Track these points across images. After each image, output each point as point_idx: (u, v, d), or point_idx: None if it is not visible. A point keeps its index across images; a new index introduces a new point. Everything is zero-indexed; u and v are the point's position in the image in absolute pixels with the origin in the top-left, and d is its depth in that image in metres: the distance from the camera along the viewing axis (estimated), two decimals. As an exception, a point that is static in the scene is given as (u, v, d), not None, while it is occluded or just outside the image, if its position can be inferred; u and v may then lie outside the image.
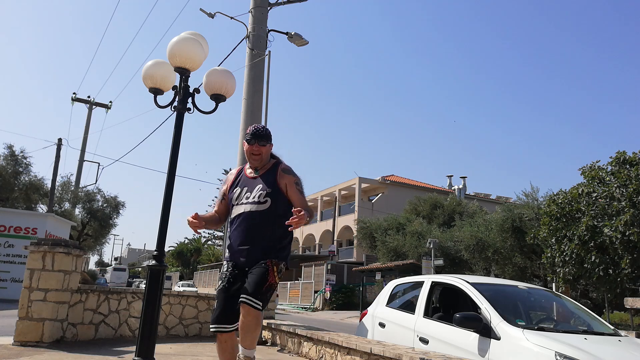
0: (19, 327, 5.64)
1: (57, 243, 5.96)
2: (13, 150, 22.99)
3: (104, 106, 28.85)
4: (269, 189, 3.21)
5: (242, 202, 3.24)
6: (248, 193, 3.24)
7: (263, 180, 3.26)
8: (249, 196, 3.23)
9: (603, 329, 4.60)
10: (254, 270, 3.11)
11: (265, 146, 3.27)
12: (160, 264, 4.42)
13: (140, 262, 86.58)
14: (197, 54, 4.68)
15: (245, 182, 3.31)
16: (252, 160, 3.29)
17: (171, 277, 50.28)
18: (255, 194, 3.21)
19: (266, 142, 3.27)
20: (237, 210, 3.25)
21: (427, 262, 19.74)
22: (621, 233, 10.46)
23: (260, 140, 3.24)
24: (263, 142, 3.25)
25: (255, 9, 10.03)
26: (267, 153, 3.32)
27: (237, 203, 3.27)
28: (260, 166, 3.31)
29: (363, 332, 5.83)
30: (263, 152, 3.27)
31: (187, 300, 7.60)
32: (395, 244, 24.94)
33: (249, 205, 3.21)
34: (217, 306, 3.11)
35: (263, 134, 3.27)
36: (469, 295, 4.69)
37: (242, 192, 3.27)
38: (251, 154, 3.27)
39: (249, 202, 3.21)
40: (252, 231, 3.18)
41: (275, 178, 3.26)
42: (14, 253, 16.39)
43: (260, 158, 3.28)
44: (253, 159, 3.28)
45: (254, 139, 3.25)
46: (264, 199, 3.19)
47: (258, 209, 3.18)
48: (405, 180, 41.39)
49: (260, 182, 3.25)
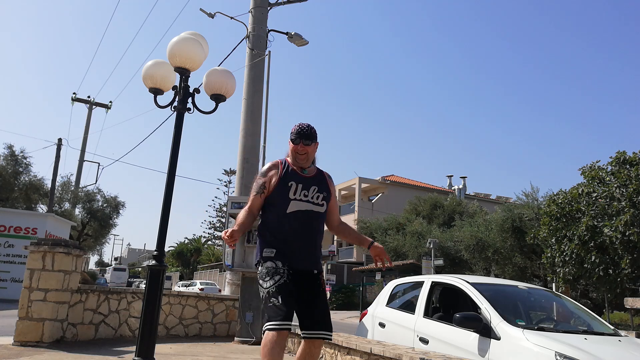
0: (19, 327, 5.64)
1: (57, 243, 5.96)
2: (13, 150, 23.00)
3: (104, 106, 28.85)
4: (325, 192, 3.13)
5: (302, 199, 3.04)
6: (305, 191, 3.06)
7: (316, 182, 3.14)
8: (306, 194, 3.06)
9: (603, 329, 4.60)
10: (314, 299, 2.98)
11: (311, 145, 3.12)
12: (160, 264, 4.43)
13: (140, 262, 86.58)
14: (197, 54, 4.69)
15: (298, 179, 3.11)
16: (299, 160, 3.12)
17: (171, 277, 50.27)
18: (313, 194, 3.07)
19: (311, 142, 3.12)
20: (295, 205, 3.02)
21: (427, 262, 19.74)
22: (621, 233, 10.46)
23: (306, 139, 3.09)
24: (308, 141, 3.10)
25: (255, 9, 10.03)
26: (313, 152, 3.17)
27: (295, 198, 3.03)
28: (307, 166, 3.16)
29: (363, 332, 5.83)
30: (309, 151, 3.12)
31: (187, 300, 7.61)
32: (395, 244, 24.94)
33: (311, 205, 3.06)
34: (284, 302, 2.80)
35: (308, 132, 3.10)
36: (469, 295, 4.69)
37: (299, 188, 3.06)
38: (297, 153, 3.11)
39: (309, 201, 3.06)
40: (314, 230, 3.06)
41: (327, 184, 3.20)
42: (14, 253, 16.38)
43: (307, 157, 3.12)
44: (300, 159, 3.12)
45: (298, 138, 3.08)
46: (321, 202, 3.09)
47: (318, 210, 3.08)
48: (405, 180, 41.38)
49: (314, 183, 3.13)
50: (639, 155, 11.67)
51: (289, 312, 2.80)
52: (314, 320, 2.92)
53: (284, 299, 2.80)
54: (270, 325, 2.74)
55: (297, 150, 3.10)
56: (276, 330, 2.72)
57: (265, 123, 10.82)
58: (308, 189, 3.07)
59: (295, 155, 3.12)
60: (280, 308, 2.77)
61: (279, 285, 2.85)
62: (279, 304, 2.78)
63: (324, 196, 3.11)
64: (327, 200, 3.13)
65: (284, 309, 2.77)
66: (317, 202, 3.08)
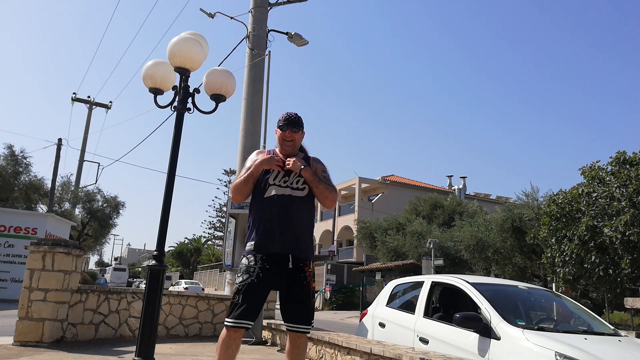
0: (19, 327, 5.64)
1: (57, 243, 5.96)
2: (13, 150, 22.99)
3: (104, 106, 28.83)
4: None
5: (281, 185, 3.11)
6: (286, 177, 3.13)
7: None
8: (287, 179, 3.12)
9: (603, 329, 4.60)
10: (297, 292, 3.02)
11: (298, 132, 3.21)
12: (160, 264, 4.42)
13: (140, 262, 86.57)
14: (197, 54, 4.69)
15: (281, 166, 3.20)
16: (285, 146, 3.21)
17: (171, 277, 50.27)
18: (293, 179, 3.12)
19: (299, 129, 3.21)
20: (274, 190, 3.10)
21: (427, 262, 19.73)
22: (621, 233, 10.46)
23: (293, 126, 3.18)
24: (296, 128, 3.18)
25: (255, 9, 10.03)
26: (300, 140, 3.26)
27: (274, 183, 3.12)
28: (293, 153, 3.23)
29: (363, 332, 5.83)
30: (296, 138, 3.20)
31: (187, 300, 7.60)
32: (395, 244, 24.93)
33: (289, 189, 3.10)
34: (244, 301, 2.90)
35: (296, 120, 3.20)
36: (469, 295, 4.69)
37: (280, 174, 3.14)
38: (284, 140, 3.19)
39: (289, 186, 3.11)
40: (291, 215, 3.07)
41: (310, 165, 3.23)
42: (14, 253, 16.38)
43: (293, 144, 3.21)
44: (286, 146, 3.20)
45: (286, 125, 3.17)
46: (302, 186, 3.12)
47: (298, 195, 3.11)
48: (405, 180, 41.38)
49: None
50: (639, 155, 11.67)
51: (247, 312, 2.89)
52: (293, 314, 3.01)
53: (244, 298, 2.91)
54: (225, 322, 2.92)
55: (285, 137, 3.18)
56: (229, 327, 2.89)
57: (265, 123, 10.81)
58: (289, 174, 3.13)
59: (282, 142, 3.21)
60: (239, 307, 2.89)
61: (244, 283, 2.96)
62: (238, 302, 2.91)
63: (305, 180, 3.12)
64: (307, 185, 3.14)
65: (241, 308, 2.88)
66: (296, 186, 3.12)
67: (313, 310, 3.08)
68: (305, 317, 3.02)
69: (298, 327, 3.00)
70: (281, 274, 3.01)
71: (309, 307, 3.05)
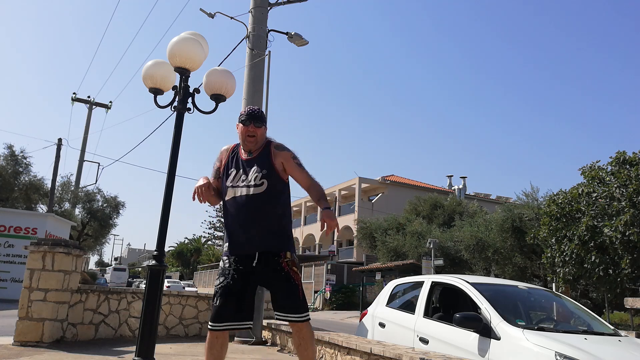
0: (19, 327, 5.64)
1: (57, 243, 5.96)
2: (13, 150, 23.00)
3: (104, 106, 28.82)
4: (265, 170, 3.11)
5: (239, 185, 3.10)
6: (244, 175, 3.11)
7: (257, 161, 3.15)
8: (244, 178, 3.10)
9: (603, 329, 4.60)
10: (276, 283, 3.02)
11: (261, 128, 3.16)
12: (160, 264, 4.42)
13: (140, 262, 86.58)
14: (197, 54, 4.69)
15: (240, 164, 3.18)
16: (247, 142, 3.16)
17: (171, 277, 50.28)
18: (251, 176, 3.09)
19: (261, 124, 3.16)
20: (232, 192, 3.11)
21: (427, 262, 19.74)
22: (621, 233, 10.46)
23: (256, 121, 3.13)
24: (259, 123, 3.14)
25: (255, 9, 10.03)
26: (262, 136, 3.20)
27: (232, 185, 3.13)
28: (254, 149, 3.18)
29: (363, 332, 5.83)
30: (258, 134, 3.15)
31: (187, 300, 7.61)
32: (395, 244, 24.93)
33: (246, 189, 3.08)
34: (221, 303, 2.96)
35: (258, 115, 3.17)
36: (469, 295, 4.69)
37: (238, 174, 3.14)
38: (247, 135, 3.14)
39: (245, 184, 3.09)
40: (251, 214, 3.05)
41: (270, 158, 3.16)
42: (14, 253, 16.39)
43: (255, 140, 3.15)
44: (248, 141, 3.15)
45: (249, 119, 3.13)
46: (260, 181, 3.08)
47: (255, 192, 3.06)
48: (405, 180, 41.38)
49: (255, 163, 3.14)
50: (639, 155, 11.67)
51: (224, 314, 2.96)
52: (280, 304, 3.01)
53: (221, 301, 2.97)
54: (208, 326, 3.01)
55: (247, 132, 3.13)
56: (210, 330, 2.99)
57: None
58: (248, 172, 3.11)
59: (244, 137, 3.15)
60: (217, 310, 2.97)
61: (220, 287, 3.02)
62: (217, 305, 2.98)
63: (263, 174, 3.08)
64: (267, 177, 3.08)
65: (220, 312, 2.96)
66: (254, 183, 3.07)
67: (303, 299, 3.04)
68: (292, 305, 2.98)
69: (288, 317, 2.99)
70: (256, 272, 3.03)
71: (294, 295, 3.00)
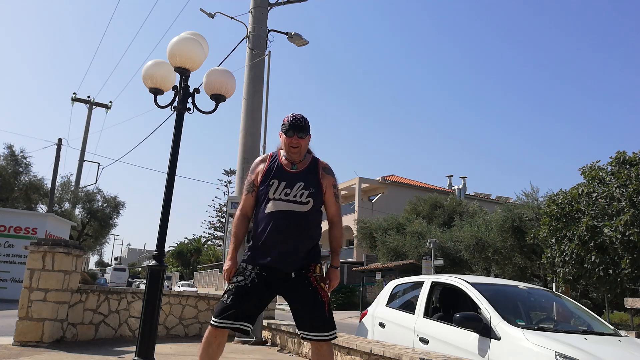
0: (19, 327, 5.64)
1: (57, 243, 5.96)
2: (13, 150, 23.00)
3: (104, 106, 28.82)
4: (312, 189, 2.93)
5: (282, 199, 2.88)
6: (287, 189, 2.90)
7: (304, 177, 2.95)
8: (288, 192, 2.89)
9: (603, 329, 4.60)
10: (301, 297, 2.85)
11: (305, 138, 2.94)
12: (160, 264, 4.42)
13: (140, 262, 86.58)
14: (197, 54, 4.69)
15: (283, 175, 2.95)
16: (291, 153, 2.95)
17: (171, 277, 50.29)
18: (297, 192, 2.89)
19: (305, 134, 2.93)
20: (274, 206, 2.88)
21: (427, 262, 19.73)
22: (621, 233, 10.46)
23: (299, 132, 2.90)
24: (302, 134, 2.91)
25: (255, 9, 10.02)
26: (306, 146, 2.99)
27: (274, 197, 2.89)
28: (298, 160, 2.98)
29: (363, 332, 5.83)
30: (302, 144, 2.94)
31: (187, 300, 7.60)
32: (395, 244, 24.93)
33: (290, 204, 2.88)
34: (234, 302, 2.78)
35: (302, 125, 2.92)
36: (469, 295, 4.69)
37: (280, 187, 2.91)
38: (290, 147, 2.92)
39: (290, 199, 2.89)
40: (291, 231, 2.86)
41: (318, 177, 2.99)
42: (14, 253, 16.38)
43: (299, 151, 2.94)
44: (292, 152, 2.94)
45: (292, 130, 2.89)
46: (306, 200, 2.89)
47: (300, 210, 2.88)
48: (405, 180, 41.36)
49: (301, 179, 2.94)
50: (639, 155, 11.67)
51: (234, 314, 2.78)
52: (304, 321, 2.84)
53: (234, 300, 2.80)
54: (211, 321, 2.82)
55: (291, 143, 2.93)
56: (214, 326, 2.79)
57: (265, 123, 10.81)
58: (292, 187, 2.91)
59: (288, 149, 2.95)
60: (226, 307, 2.79)
61: (236, 285, 2.85)
62: (227, 303, 2.81)
63: (310, 192, 2.91)
64: (314, 197, 2.92)
65: (228, 309, 2.78)
66: (300, 200, 2.89)
67: (330, 316, 2.85)
68: (319, 324, 2.80)
69: (310, 335, 2.80)
70: (280, 279, 2.88)
71: (322, 313, 2.82)
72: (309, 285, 2.86)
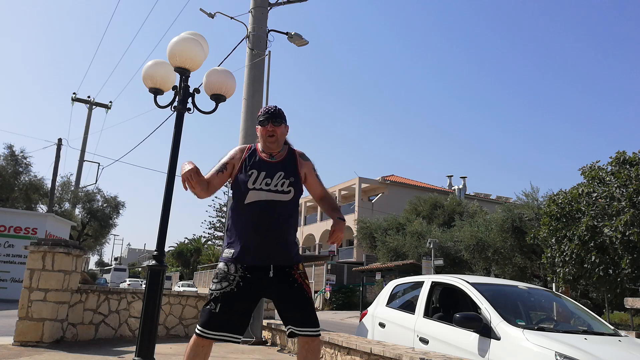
0: (19, 327, 5.64)
1: (57, 243, 5.96)
2: (13, 150, 23.01)
3: (104, 106, 28.83)
4: (292, 177, 2.90)
5: (263, 189, 2.84)
6: (268, 179, 2.86)
7: (283, 167, 2.93)
8: (269, 182, 2.86)
9: (603, 329, 4.60)
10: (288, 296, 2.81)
11: (280, 126, 2.93)
12: (160, 264, 4.43)
13: (140, 262, 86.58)
14: (197, 54, 4.69)
15: (262, 166, 2.92)
16: (268, 143, 2.93)
17: (171, 277, 50.31)
18: (277, 181, 2.86)
19: (281, 122, 2.94)
20: (254, 196, 2.83)
21: (427, 262, 19.74)
22: (621, 233, 10.46)
23: (274, 119, 2.91)
24: (277, 121, 2.92)
25: (255, 9, 10.03)
26: (283, 135, 2.98)
27: (254, 188, 2.84)
28: (276, 150, 2.96)
29: (363, 332, 5.83)
30: (278, 132, 2.92)
31: (187, 300, 7.61)
32: (395, 244, 24.93)
33: (271, 194, 2.84)
34: (222, 311, 2.69)
35: (276, 112, 2.94)
36: (469, 295, 4.69)
37: (260, 177, 2.87)
38: (267, 136, 2.92)
39: (271, 189, 2.85)
40: (274, 222, 2.82)
41: (296, 166, 2.97)
42: (14, 253, 16.39)
43: (276, 139, 2.93)
44: (269, 142, 2.92)
45: (267, 119, 2.91)
46: (287, 188, 2.87)
47: (282, 199, 2.85)
48: (405, 180, 41.38)
49: (281, 168, 2.91)
50: (639, 155, 11.66)
51: (222, 323, 2.69)
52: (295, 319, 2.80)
53: (222, 308, 2.70)
54: (197, 330, 2.71)
55: (267, 132, 2.91)
56: (201, 336, 2.69)
57: (265, 123, 10.79)
58: (272, 176, 2.87)
59: (265, 138, 2.93)
60: (214, 316, 2.69)
61: (224, 292, 2.73)
62: (214, 311, 2.70)
63: (291, 182, 2.88)
64: (294, 186, 2.89)
65: (216, 319, 2.68)
66: (282, 189, 2.86)
67: (315, 312, 2.88)
68: (309, 320, 2.79)
69: (303, 331, 2.78)
70: (265, 282, 2.79)
71: (309, 309, 2.83)
72: (294, 282, 2.82)
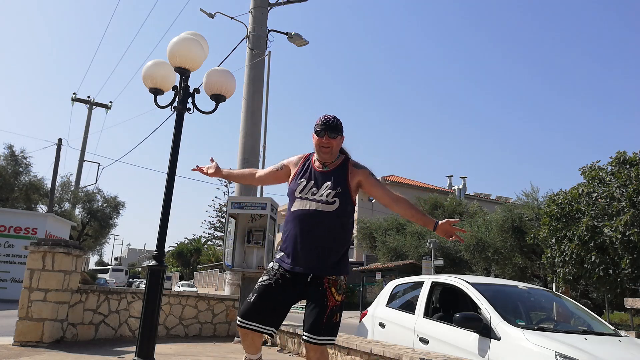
0: (19, 327, 5.64)
1: (57, 243, 5.96)
2: (13, 150, 22.98)
3: (104, 106, 28.82)
4: (339, 188, 2.88)
5: (308, 198, 2.87)
6: (314, 188, 2.89)
7: (332, 177, 2.91)
8: (315, 192, 2.88)
9: (603, 329, 4.60)
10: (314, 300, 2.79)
11: (336, 138, 2.91)
12: (160, 264, 4.43)
13: (140, 262, 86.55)
14: (197, 54, 4.69)
15: (313, 175, 2.94)
16: (321, 154, 2.92)
17: (171, 277, 50.31)
18: (323, 192, 2.87)
19: (337, 134, 2.92)
20: (299, 204, 2.88)
21: (427, 262, 19.73)
22: (621, 233, 10.45)
23: (331, 132, 2.89)
24: (334, 134, 2.90)
25: (255, 9, 10.03)
26: (338, 147, 2.96)
27: (300, 196, 2.89)
28: (329, 161, 2.96)
29: (363, 332, 5.83)
30: (333, 145, 2.91)
31: (187, 300, 7.61)
32: (395, 244, 24.92)
33: (315, 203, 2.85)
34: (254, 301, 2.77)
35: (334, 124, 2.90)
36: (469, 295, 4.69)
37: (308, 186, 2.90)
38: (320, 147, 2.90)
39: (315, 199, 2.86)
40: (317, 233, 2.83)
41: (347, 176, 2.93)
42: (14, 253, 16.37)
43: (330, 151, 2.91)
44: (323, 152, 2.91)
45: (323, 130, 2.88)
46: (332, 199, 2.85)
47: (325, 209, 2.84)
48: (406, 180, 41.35)
49: (330, 179, 2.90)
50: (639, 155, 11.65)
51: (256, 313, 2.75)
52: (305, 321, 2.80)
53: (257, 298, 2.79)
54: (237, 320, 2.84)
55: (322, 143, 2.90)
56: (239, 325, 2.81)
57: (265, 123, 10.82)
58: (320, 186, 2.89)
59: (319, 149, 2.93)
60: (250, 306, 2.78)
61: (262, 285, 2.84)
62: (250, 301, 2.80)
63: (337, 192, 2.86)
64: (340, 197, 2.86)
65: (252, 309, 2.77)
66: (325, 199, 2.85)
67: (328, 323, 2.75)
68: (315, 326, 2.72)
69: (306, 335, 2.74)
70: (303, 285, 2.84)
71: (320, 315, 2.74)
72: (319, 286, 2.82)
